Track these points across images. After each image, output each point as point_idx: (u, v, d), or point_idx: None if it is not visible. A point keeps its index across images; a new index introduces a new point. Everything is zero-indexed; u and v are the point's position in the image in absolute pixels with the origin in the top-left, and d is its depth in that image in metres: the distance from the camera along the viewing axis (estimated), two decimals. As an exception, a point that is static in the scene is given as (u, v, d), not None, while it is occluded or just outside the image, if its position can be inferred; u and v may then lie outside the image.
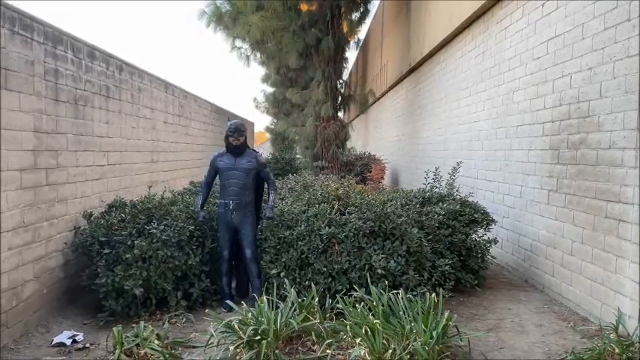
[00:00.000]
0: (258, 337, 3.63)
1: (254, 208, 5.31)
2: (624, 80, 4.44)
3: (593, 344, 3.94)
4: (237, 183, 5.15)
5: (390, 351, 3.51)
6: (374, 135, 21.83)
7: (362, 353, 3.61)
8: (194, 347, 4.15)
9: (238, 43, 14.37)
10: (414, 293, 4.45)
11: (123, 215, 5.21)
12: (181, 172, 9.65)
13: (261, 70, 25.84)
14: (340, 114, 15.81)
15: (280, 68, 21.26)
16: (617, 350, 3.80)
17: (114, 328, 3.99)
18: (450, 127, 9.73)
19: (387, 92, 17.85)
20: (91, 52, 5.79)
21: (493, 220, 6.23)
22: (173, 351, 4.02)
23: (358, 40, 16.69)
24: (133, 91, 7.14)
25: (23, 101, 4.43)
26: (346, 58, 15.22)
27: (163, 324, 4.41)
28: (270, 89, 26.24)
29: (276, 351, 3.63)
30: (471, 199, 6.68)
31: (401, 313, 3.92)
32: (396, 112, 16.19)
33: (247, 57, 14.63)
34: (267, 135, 29.92)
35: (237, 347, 3.70)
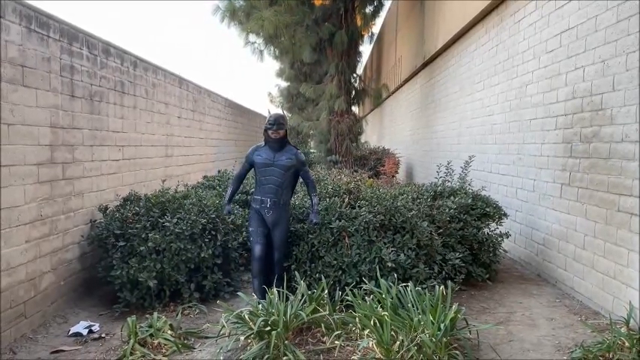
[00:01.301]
0: (268, 328, 3.70)
1: (289, 208, 5.00)
2: (637, 73, 4.39)
3: (603, 338, 3.93)
4: (275, 180, 4.78)
5: (398, 342, 3.55)
6: (389, 129, 21.77)
7: (370, 344, 3.65)
8: (206, 338, 4.23)
9: (252, 38, 14.44)
10: (424, 286, 4.47)
11: (137, 209, 5.31)
12: (195, 166, 9.76)
13: (276, 65, 25.92)
14: (354, 108, 15.84)
15: (294, 63, 21.30)
16: (627, 344, 3.78)
17: (128, 319, 4.09)
18: (464, 120, 9.69)
19: (401, 86, 17.77)
20: (105, 49, 5.89)
21: (505, 214, 6.22)
22: (186, 341, 4.11)
23: (372, 34, 16.69)
24: (148, 86, 7.23)
25: (40, 97, 4.54)
26: (360, 52, 15.24)
27: (177, 315, 4.50)
28: (284, 84, 26.31)
29: (286, 342, 3.69)
30: (483, 193, 6.67)
31: (409, 305, 3.95)
32: (410, 107, 16.13)
33: (261, 52, 14.70)
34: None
35: (247, 338, 3.76)
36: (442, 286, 4.04)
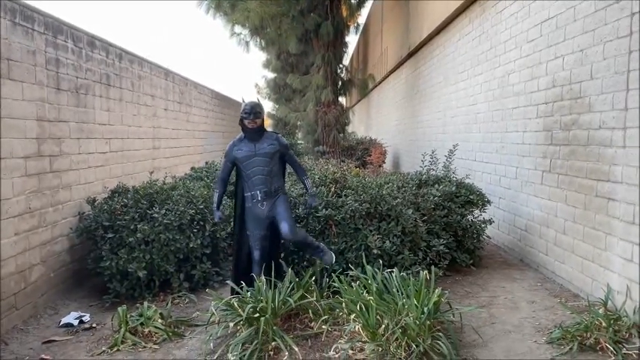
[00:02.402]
0: (257, 315, 3.78)
1: (284, 189, 4.72)
2: (614, 61, 4.51)
3: (582, 319, 4.08)
4: (262, 170, 4.50)
5: (383, 326, 3.65)
6: (376, 120, 21.88)
7: (356, 328, 3.76)
8: (196, 326, 4.31)
9: (238, 29, 14.42)
10: (409, 272, 4.58)
11: (125, 200, 5.35)
12: (183, 158, 9.78)
13: (262, 56, 25.86)
14: (341, 99, 15.89)
15: (280, 54, 21.28)
16: (604, 324, 3.93)
17: (119, 308, 4.15)
18: (449, 110, 9.80)
19: (387, 77, 17.86)
20: (90, 41, 5.89)
21: (488, 201, 6.35)
22: (176, 329, 4.19)
23: (358, 24, 16.71)
24: (134, 79, 7.24)
25: (26, 90, 4.55)
26: (346, 43, 15.26)
27: (167, 304, 4.57)
28: (271, 75, 26.26)
29: (274, 327, 3.78)
30: (467, 180, 6.79)
31: (394, 290, 4.06)
32: (396, 97, 16.23)
33: (247, 43, 14.68)
34: (269, 121, 29.99)
35: (236, 324, 3.85)
36: (426, 271, 4.15)
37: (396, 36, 15.19)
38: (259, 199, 4.49)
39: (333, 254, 4.67)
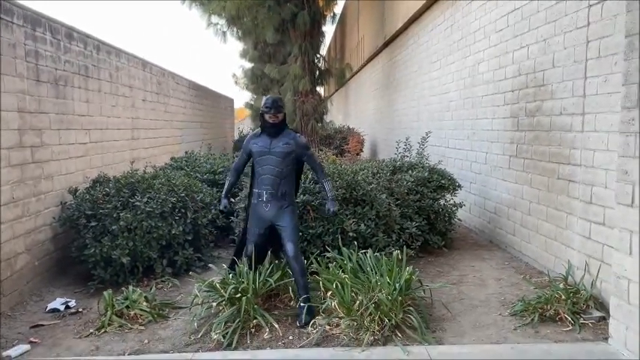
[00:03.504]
0: (239, 295, 3.98)
1: (293, 198, 4.48)
2: (573, 51, 4.78)
3: (543, 293, 4.37)
4: (272, 170, 4.30)
5: (358, 302, 3.88)
6: (354, 108, 22.09)
7: (333, 305, 3.98)
8: (180, 308, 4.49)
9: (214, 19, 14.46)
10: (383, 253, 4.81)
11: (107, 190, 5.47)
12: (162, 148, 9.86)
13: (239, 46, 25.77)
14: (319, 88, 16.06)
15: (258, 44, 21.29)
16: (563, 297, 4.23)
17: (104, 292, 4.31)
18: (423, 98, 10.06)
19: (364, 66, 18.06)
20: (68, 33, 5.95)
21: (459, 186, 6.63)
22: (161, 312, 4.35)
23: (334, 14, 16.83)
24: (111, 69, 7.30)
25: (7, 82, 4.63)
26: (323, 33, 15.40)
27: (150, 289, 4.72)
28: (248, 65, 26.20)
29: (255, 306, 3.98)
30: (440, 166, 7.06)
31: (368, 269, 4.29)
32: (373, 86, 16.45)
33: (224, 33, 14.74)
34: (247, 111, 29.94)
35: (219, 304, 4.03)
36: (397, 251, 4.39)
37: (372, 25, 15.38)
38: (264, 199, 4.31)
39: (310, 319, 4.06)
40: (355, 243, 4.82)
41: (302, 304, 4.09)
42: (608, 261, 4.12)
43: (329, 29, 24.98)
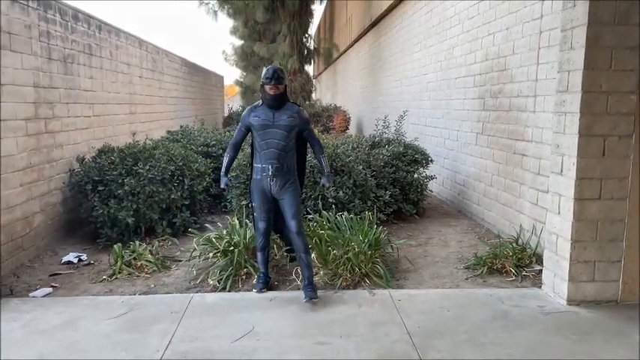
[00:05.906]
0: (232, 248, 4.63)
1: (296, 173, 4.36)
2: (529, 39, 5.41)
3: (494, 250, 5.08)
4: (277, 144, 4.14)
5: (333, 254, 4.56)
6: (341, 87, 22.60)
7: (312, 257, 4.65)
8: (180, 261, 5.14)
9: (206, -2, 14.82)
10: (359, 217, 5.48)
11: (112, 158, 6.05)
12: (156, 123, 10.40)
13: (230, 22, 26.02)
14: (307, 67, 16.56)
15: (248, 21, 21.58)
16: (510, 253, 4.94)
17: (115, 245, 4.96)
18: (405, 79, 10.66)
19: (352, 45, 18.54)
20: (75, 14, 6.46)
21: (431, 160, 7.30)
22: (164, 263, 5.00)
23: (323, -6, 17.23)
24: (112, 48, 7.81)
25: (24, 60, 5.18)
26: (312, 12, 15.86)
27: (153, 246, 5.36)
28: (238, 42, 26.49)
29: (246, 257, 4.65)
30: (416, 143, 7.71)
31: (344, 228, 4.97)
32: (360, 65, 16.97)
33: (215, 12, 15.12)
34: (237, 88, 30.30)
35: (214, 256, 4.69)
36: (369, 213, 5.06)
37: (360, 5, 15.85)
38: (270, 173, 4.14)
39: (314, 293, 4.13)
40: (334, 207, 5.49)
41: (307, 284, 4.15)
42: (548, 223, 4.82)
43: (319, 9, 25.28)
